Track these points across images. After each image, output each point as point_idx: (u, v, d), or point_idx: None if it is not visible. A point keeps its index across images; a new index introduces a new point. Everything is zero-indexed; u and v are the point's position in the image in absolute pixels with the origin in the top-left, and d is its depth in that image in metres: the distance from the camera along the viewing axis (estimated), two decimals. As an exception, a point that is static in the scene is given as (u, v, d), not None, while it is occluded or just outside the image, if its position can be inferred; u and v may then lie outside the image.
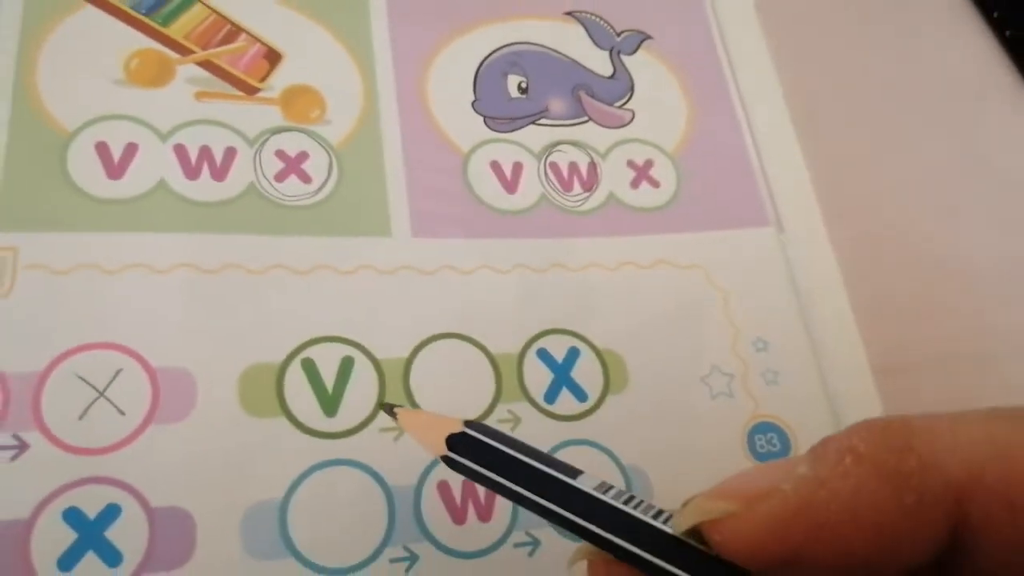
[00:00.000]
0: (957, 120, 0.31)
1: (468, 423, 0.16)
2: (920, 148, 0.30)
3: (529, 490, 0.15)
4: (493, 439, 0.16)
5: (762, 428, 0.24)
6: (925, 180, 0.29)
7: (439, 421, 0.16)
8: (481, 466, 0.16)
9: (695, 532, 0.13)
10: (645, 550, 0.14)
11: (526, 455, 0.15)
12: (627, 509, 0.14)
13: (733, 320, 0.25)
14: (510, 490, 0.15)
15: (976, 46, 0.32)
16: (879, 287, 0.26)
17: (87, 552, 0.18)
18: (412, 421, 0.17)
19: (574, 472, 0.15)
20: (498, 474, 0.15)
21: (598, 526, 0.14)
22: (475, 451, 0.16)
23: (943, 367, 0.25)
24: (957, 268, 0.27)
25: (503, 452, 0.15)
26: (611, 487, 0.15)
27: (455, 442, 0.16)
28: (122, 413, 0.20)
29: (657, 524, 0.14)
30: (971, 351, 0.26)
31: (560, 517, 0.14)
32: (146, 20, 0.25)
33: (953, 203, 0.29)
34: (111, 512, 0.19)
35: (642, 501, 0.14)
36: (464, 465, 0.16)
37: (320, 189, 0.24)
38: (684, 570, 0.13)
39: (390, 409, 0.18)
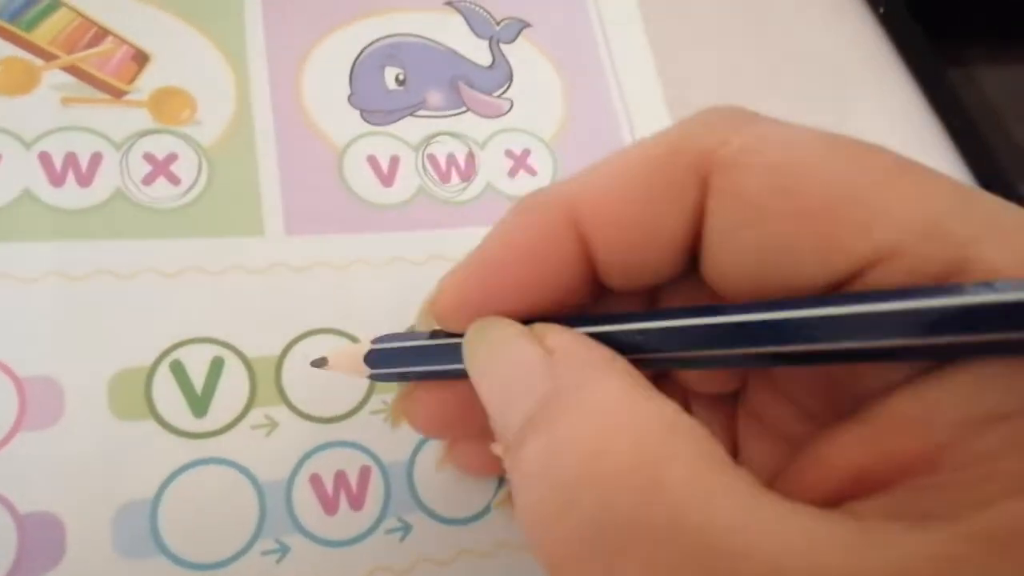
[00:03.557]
0: (830, 94, 0.32)
1: (374, 340, 0.19)
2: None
3: (418, 364, 0.19)
4: (397, 341, 0.19)
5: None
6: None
7: (354, 349, 0.19)
8: (393, 368, 0.19)
9: None
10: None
11: (415, 340, 0.19)
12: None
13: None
14: (415, 372, 0.19)
15: (853, 24, 0.33)
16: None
17: (-47, 561, 0.19)
18: (336, 361, 0.20)
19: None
20: (405, 367, 0.19)
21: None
22: (386, 359, 0.19)
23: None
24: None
25: (402, 347, 0.19)
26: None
27: (370, 359, 0.19)
28: (-11, 423, 0.20)
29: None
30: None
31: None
32: (9, 27, 0.24)
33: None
34: (-22, 522, 0.19)
35: None
36: (385, 373, 0.20)
37: (189, 190, 0.24)
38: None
39: (319, 363, 0.20)
